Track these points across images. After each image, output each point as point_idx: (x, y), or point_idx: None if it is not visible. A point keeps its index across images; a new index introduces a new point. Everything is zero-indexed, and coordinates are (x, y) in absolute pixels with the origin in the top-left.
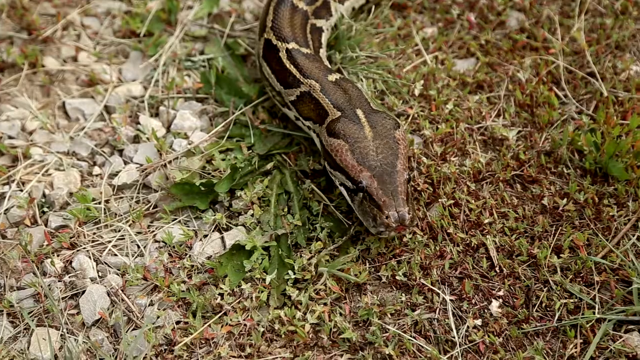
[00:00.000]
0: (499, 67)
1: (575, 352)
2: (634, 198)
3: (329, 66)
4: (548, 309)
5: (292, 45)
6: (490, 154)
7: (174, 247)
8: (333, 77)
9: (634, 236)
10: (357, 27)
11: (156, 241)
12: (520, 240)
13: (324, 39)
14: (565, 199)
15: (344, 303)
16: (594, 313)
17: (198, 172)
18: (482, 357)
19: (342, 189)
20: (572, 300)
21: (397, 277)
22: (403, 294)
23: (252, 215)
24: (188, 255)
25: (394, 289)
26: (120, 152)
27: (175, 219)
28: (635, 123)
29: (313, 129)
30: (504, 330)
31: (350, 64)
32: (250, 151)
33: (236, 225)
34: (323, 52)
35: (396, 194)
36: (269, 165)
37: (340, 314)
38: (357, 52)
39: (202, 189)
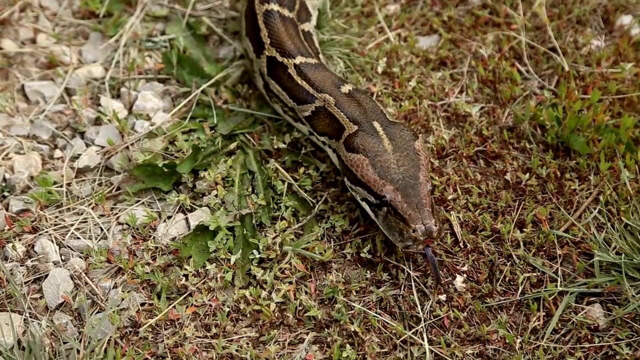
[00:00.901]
0: (462, 44)
1: (538, 324)
2: (595, 172)
3: (339, 75)
4: (511, 283)
5: (299, 60)
6: (454, 131)
7: (137, 229)
8: (346, 88)
9: (595, 209)
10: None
11: (119, 223)
12: (484, 216)
13: (317, 42)
14: (527, 174)
15: (309, 281)
16: (556, 286)
17: (161, 153)
18: (446, 332)
19: (364, 204)
20: (535, 274)
21: (362, 255)
22: (368, 271)
23: (216, 195)
24: (152, 237)
25: (359, 266)
26: (82, 134)
27: (139, 200)
28: (596, 97)
29: (329, 144)
30: (468, 305)
31: (325, 46)
32: (214, 131)
33: (200, 206)
34: (322, 58)
35: (421, 207)
36: (233, 145)
37: (306, 293)
38: (326, 34)
39: (165, 170)
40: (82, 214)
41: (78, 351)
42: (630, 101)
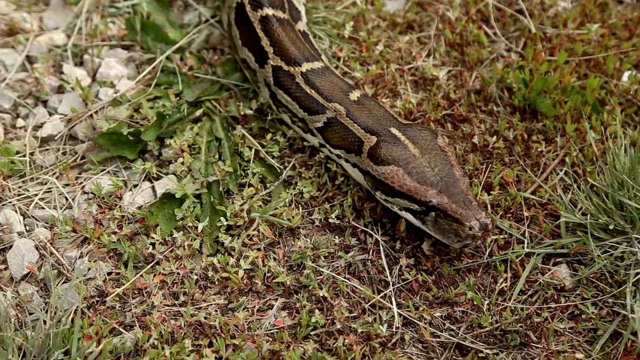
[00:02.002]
0: (429, 7)
1: (506, 286)
2: (561, 133)
3: (345, 79)
4: (479, 245)
5: (305, 68)
6: (421, 94)
7: (103, 198)
8: (354, 95)
9: (561, 171)
10: None
11: (85, 193)
12: None
13: (314, 42)
14: (495, 137)
15: (277, 248)
16: (523, 248)
17: (125, 121)
18: (415, 295)
19: (404, 214)
20: (502, 236)
21: (330, 220)
22: (336, 237)
23: (183, 163)
24: (118, 206)
25: (327, 231)
26: (45, 103)
27: (104, 169)
28: (562, 59)
29: (346, 158)
30: (437, 268)
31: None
32: (179, 98)
33: (166, 174)
34: (324, 58)
35: (469, 203)
36: (199, 112)
37: (274, 259)
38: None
39: (130, 138)
40: (46, 183)
41: (44, 322)
42: (596, 62)
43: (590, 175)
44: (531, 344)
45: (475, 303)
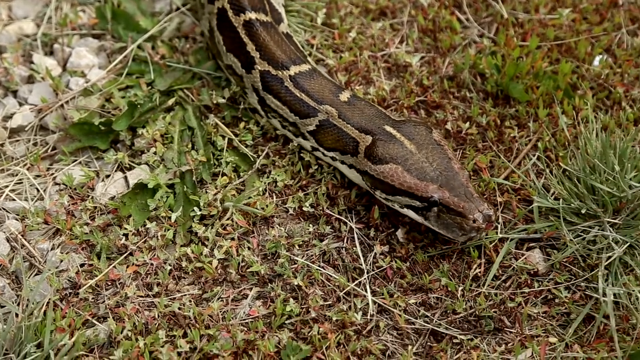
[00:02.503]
0: None
1: (480, 271)
2: (534, 119)
3: (334, 81)
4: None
5: (293, 71)
6: (395, 81)
7: (75, 189)
8: (344, 96)
9: (534, 156)
10: None
11: (56, 184)
12: None
13: (299, 44)
14: (468, 123)
15: (251, 237)
16: (496, 233)
17: (97, 111)
18: (389, 283)
19: (407, 211)
20: None
21: (304, 208)
22: (311, 225)
23: (155, 153)
24: (90, 197)
25: (302, 220)
26: (14, 93)
27: (76, 160)
28: (534, 44)
29: (342, 160)
30: (411, 255)
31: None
32: (151, 87)
33: (139, 164)
34: (310, 59)
35: (470, 195)
36: (171, 101)
37: (248, 248)
38: None
39: (102, 128)
40: (17, 174)
41: (16, 315)
42: (568, 47)
43: (562, 159)
44: (505, 329)
45: (449, 289)
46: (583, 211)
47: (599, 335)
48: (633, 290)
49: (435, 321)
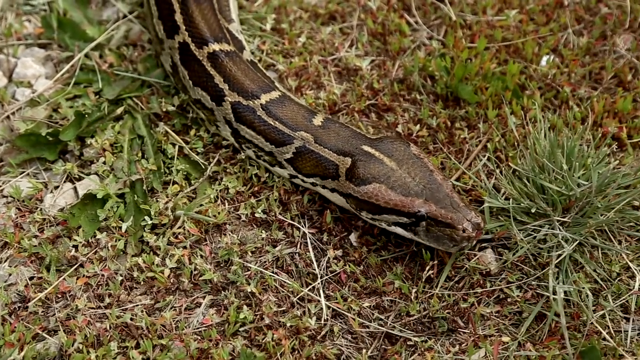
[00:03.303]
0: None
1: (433, 273)
2: (484, 120)
3: (303, 103)
4: None
5: (264, 99)
6: (345, 85)
7: (22, 201)
8: (318, 120)
9: (484, 157)
10: None
11: (3, 196)
12: None
13: (263, 69)
14: (418, 125)
15: (204, 245)
16: None
17: (44, 121)
18: (343, 287)
19: (395, 228)
20: None
21: (257, 215)
22: (263, 231)
23: (105, 162)
24: (39, 209)
25: (254, 226)
26: None
27: (23, 172)
28: (482, 45)
29: (323, 185)
30: (364, 259)
31: None
32: (99, 97)
33: (88, 174)
34: (278, 84)
35: (456, 205)
36: (120, 110)
37: (201, 256)
38: None
39: (50, 139)
40: None
41: None
42: (515, 48)
43: (512, 160)
44: (459, 329)
45: (403, 292)
46: (533, 210)
47: (551, 333)
48: (583, 288)
49: (390, 324)
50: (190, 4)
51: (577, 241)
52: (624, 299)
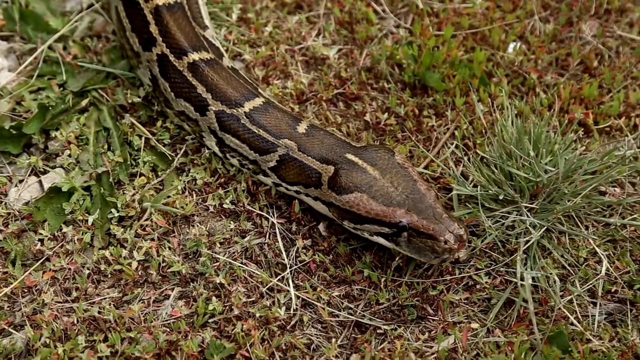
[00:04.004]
0: None
1: (402, 261)
2: (451, 107)
3: (288, 110)
4: None
5: (247, 107)
6: (313, 74)
7: None
8: (302, 127)
9: (452, 144)
10: None
11: None
12: None
13: (245, 75)
14: (386, 114)
15: (171, 237)
16: None
17: (7, 115)
18: (312, 276)
19: (377, 238)
20: None
21: (225, 206)
22: (232, 222)
23: (70, 155)
24: (3, 203)
25: (223, 217)
26: None
27: None
28: (449, 33)
29: (306, 193)
30: (333, 248)
31: None
32: (63, 89)
33: (53, 167)
34: (261, 90)
35: (439, 216)
36: (85, 102)
37: (169, 248)
38: None
39: (13, 132)
40: None
41: None
42: (482, 35)
43: (480, 147)
44: (428, 317)
45: (372, 280)
46: (501, 197)
47: (519, 318)
48: (551, 273)
49: (359, 312)
50: (164, 13)
51: (545, 227)
52: (591, 284)
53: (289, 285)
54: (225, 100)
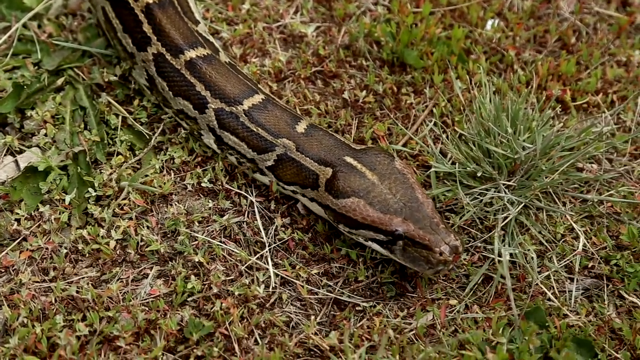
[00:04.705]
0: None
1: None
2: (430, 85)
3: (289, 108)
4: None
5: (246, 105)
6: (291, 52)
7: None
8: (301, 127)
9: (431, 122)
10: None
11: None
12: None
13: (224, 56)
14: (365, 91)
15: (150, 215)
16: None
17: None
18: (291, 254)
19: (371, 244)
20: None
21: (203, 184)
22: (210, 201)
23: (46, 134)
24: None
25: (201, 196)
26: None
27: None
28: (427, 10)
29: (302, 193)
30: (312, 226)
31: None
32: (38, 67)
33: (30, 146)
34: (261, 86)
35: (436, 227)
36: (60, 81)
37: (147, 227)
38: None
39: None
40: None
41: None
42: (460, 12)
43: (458, 124)
44: (406, 294)
45: (351, 258)
46: (479, 174)
47: (497, 295)
48: (528, 250)
49: (338, 290)
50: (156, 11)
51: (523, 204)
52: (568, 260)
53: (267, 264)
54: (224, 97)
